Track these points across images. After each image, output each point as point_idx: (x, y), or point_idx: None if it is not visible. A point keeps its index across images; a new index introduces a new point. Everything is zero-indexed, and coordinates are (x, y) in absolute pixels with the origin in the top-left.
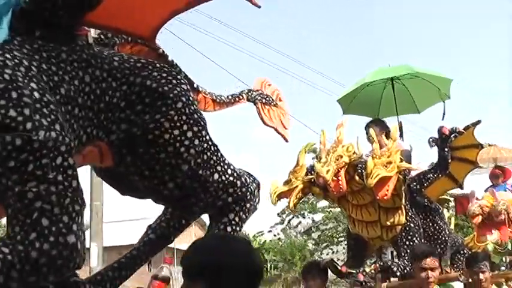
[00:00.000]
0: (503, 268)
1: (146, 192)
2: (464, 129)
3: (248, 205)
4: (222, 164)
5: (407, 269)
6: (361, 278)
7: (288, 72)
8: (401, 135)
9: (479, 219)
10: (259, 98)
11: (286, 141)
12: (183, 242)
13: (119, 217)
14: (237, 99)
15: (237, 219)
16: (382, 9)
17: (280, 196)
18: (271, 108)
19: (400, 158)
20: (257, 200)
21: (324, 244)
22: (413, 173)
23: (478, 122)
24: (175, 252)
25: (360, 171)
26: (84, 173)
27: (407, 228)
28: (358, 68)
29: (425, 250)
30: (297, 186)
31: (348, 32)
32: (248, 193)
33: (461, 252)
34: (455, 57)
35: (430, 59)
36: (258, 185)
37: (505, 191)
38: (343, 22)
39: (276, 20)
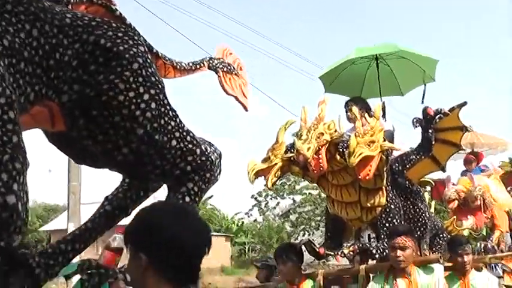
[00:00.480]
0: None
1: (100, 158)
2: (449, 110)
3: (208, 175)
4: (180, 130)
5: (387, 251)
6: (338, 260)
7: (269, 55)
8: (384, 115)
9: (455, 204)
10: (220, 66)
11: (246, 110)
12: None
13: (97, 198)
14: (198, 66)
15: (195, 189)
16: None
17: (258, 174)
18: (233, 77)
19: (383, 138)
20: (218, 170)
21: (301, 227)
22: (395, 154)
23: (464, 103)
24: None
25: (341, 150)
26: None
27: (388, 210)
28: (338, 51)
29: (397, 229)
30: (275, 164)
31: (329, 13)
32: (208, 162)
33: (441, 235)
34: (439, 40)
35: (415, 42)
36: (220, 155)
37: (482, 171)
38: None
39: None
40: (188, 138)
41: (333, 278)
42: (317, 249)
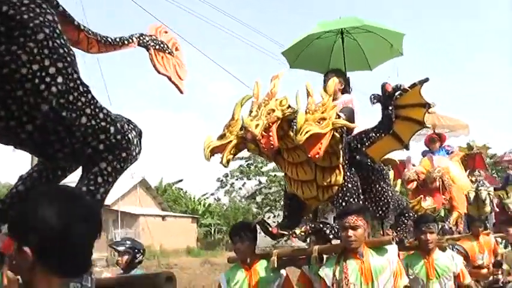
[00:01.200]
0: None
1: (3, 135)
2: (410, 87)
3: (124, 154)
4: (92, 106)
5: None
6: (294, 241)
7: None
8: (348, 90)
9: (413, 185)
10: (152, 43)
11: (181, 92)
12: (127, 204)
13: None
14: (126, 42)
15: (109, 169)
16: None
17: (213, 151)
18: (166, 56)
19: (338, 115)
20: (137, 149)
21: (267, 208)
22: (356, 131)
23: (426, 79)
24: (119, 214)
25: (294, 127)
26: None
27: (345, 189)
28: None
29: (348, 208)
30: (231, 141)
31: None
32: (124, 141)
33: (406, 214)
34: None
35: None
36: (139, 133)
37: (447, 153)
38: None
39: None
40: (101, 115)
41: (288, 259)
42: (270, 229)
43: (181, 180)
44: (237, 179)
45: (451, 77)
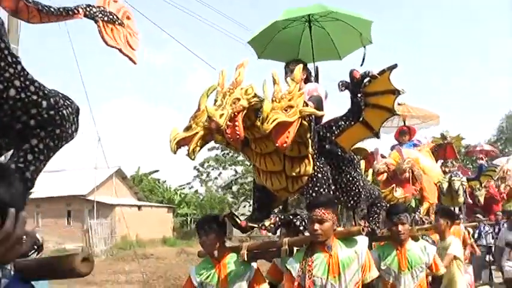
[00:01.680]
0: None
1: None
2: (379, 73)
3: (58, 131)
4: (21, 79)
5: None
6: (263, 233)
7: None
8: (317, 79)
9: (383, 176)
10: (100, 15)
11: (134, 63)
12: (102, 194)
13: None
14: (70, 13)
15: (41, 146)
16: None
17: (180, 143)
18: (116, 28)
19: (305, 103)
20: (73, 127)
21: (243, 197)
22: (324, 120)
23: (394, 66)
24: (95, 204)
25: (261, 116)
26: None
27: (315, 179)
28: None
29: (316, 200)
30: (197, 133)
31: None
32: (58, 117)
33: (378, 204)
34: None
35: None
36: (77, 110)
37: (415, 146)
38: None
39: None
40: (32, 88)
41: (258, 252)
42: (239, 222)
43: (157, 171)
44: (213, 169)
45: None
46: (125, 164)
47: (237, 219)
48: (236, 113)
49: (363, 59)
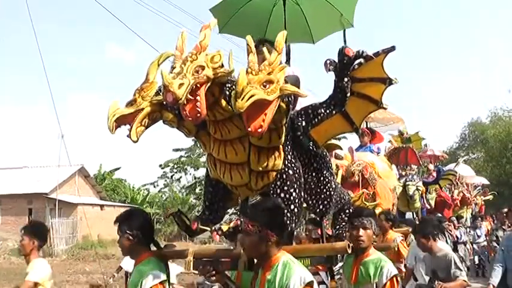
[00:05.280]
0: None
1: None
2: (374, 55)
3: None
4: None
5: None
6: (216, 238)
7: None
8: (288, 61)
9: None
10: None
11: None
12: (65, 192)
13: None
14: None
15: None
16: None
17: (120, 121)
18: None
19: (286, 80)
20: None
21: None
22: (298, 107)
23: (392, 48)
24: (57, 203)
25: (228, 93)
26: None
27: (284, 176)
28: None
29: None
30: (142, 109)
31: None
32: None
33: (347, 211)
34: None
35: None
36: None
37: (371, 151)
38: None
39: None
40: None
41: (208, 261)
42: (188, 223)
43: (118, 168)
44: (176, 172)
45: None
46: (88, 161)
47: (186, 220)
48: (199, 85)
49: (345, 43)
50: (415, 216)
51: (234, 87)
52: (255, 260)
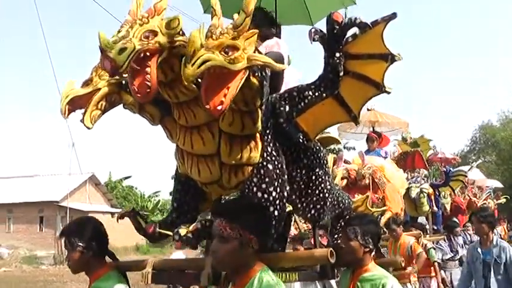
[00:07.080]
0: None
1: None
2: (371, 24)
3: None
4: None
5: None
6: (178, 245)
7: None
8: (278, 34)
9: (343, 183)
10: None
11: None
12: (76, 200)
13: (8, 173)
14: None
15: None
16: None
17: (74, 104)
18: None
19: (257, 50)
20: None
21: None
22: (283, 89)
23: (393, 15)
24: (68, 211)
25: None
26: None
27: (262, 172)
28: None
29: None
30: (99, 90)
31: None
32: None
33: (347, 217)
34: None
35: None
36: None
37: (379, 155)
38: None
39: None
40: None
41: (170, 273)
42: (144, 226)
43: (129, 177)
44: None
45: None
46: (98, 169)
47: (142, 222)
48: (149, 53)
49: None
50: (425, 221)
51: None
52: (223, 273)
